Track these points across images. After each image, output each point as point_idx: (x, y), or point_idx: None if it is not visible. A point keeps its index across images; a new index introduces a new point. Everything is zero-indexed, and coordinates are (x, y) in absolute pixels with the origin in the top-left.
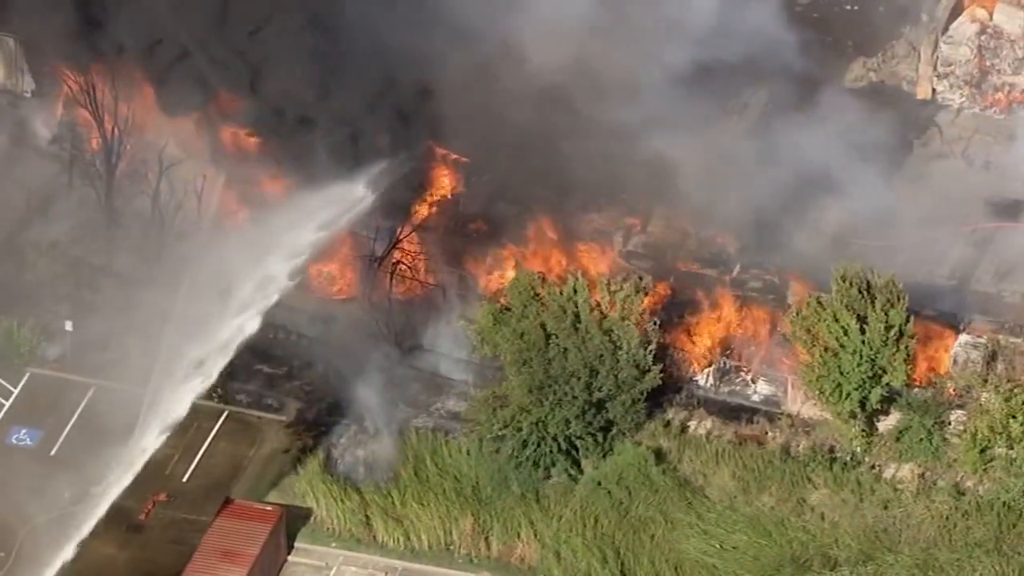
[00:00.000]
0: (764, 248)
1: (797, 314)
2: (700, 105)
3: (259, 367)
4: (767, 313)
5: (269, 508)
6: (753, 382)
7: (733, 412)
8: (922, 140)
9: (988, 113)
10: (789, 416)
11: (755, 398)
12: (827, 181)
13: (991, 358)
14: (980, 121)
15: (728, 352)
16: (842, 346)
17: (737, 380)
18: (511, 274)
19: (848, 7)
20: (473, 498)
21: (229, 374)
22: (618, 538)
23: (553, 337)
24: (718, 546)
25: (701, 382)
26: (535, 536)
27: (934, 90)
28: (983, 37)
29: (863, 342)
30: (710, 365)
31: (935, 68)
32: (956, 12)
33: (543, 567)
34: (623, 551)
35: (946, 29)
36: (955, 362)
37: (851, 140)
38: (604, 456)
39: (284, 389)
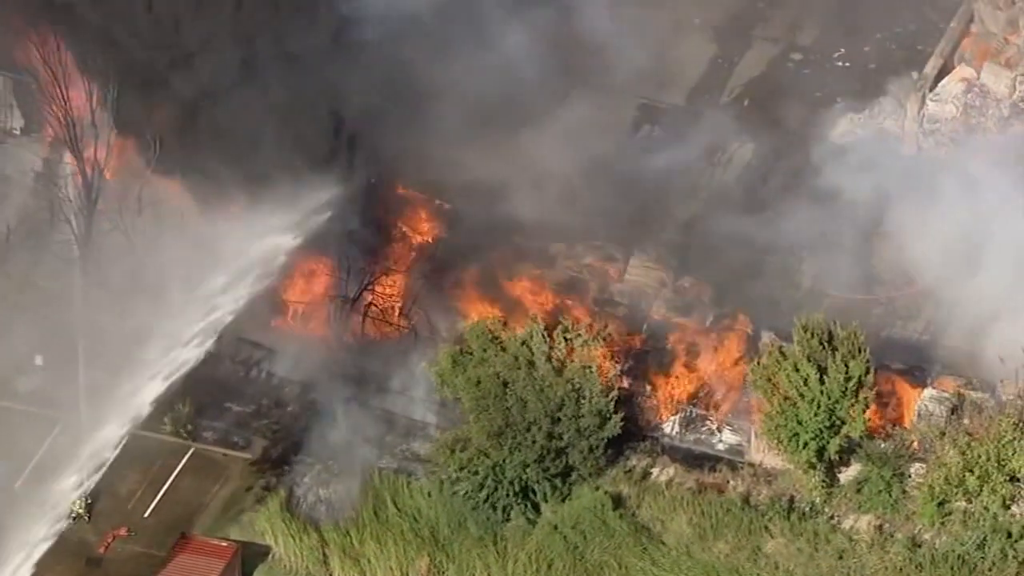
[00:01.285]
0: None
1: (758, 363)
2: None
3: (228, 405)
4: (736, 363)
5: (224, 544)
6: (718, 431)
7: (697, 460)
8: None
9: None
10: (752, 465)
11: (720, 447)
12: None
13: (953, 412)
14: None
15: (695, 401)
16: (801, 395)
17: (703, 428)
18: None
19: (840, 63)
20: (431, 539)
21: (197, 411)
22: None
23: (511, 384)
24: None
25: (667, 429)
26: None
27: (920, 147)
28: (969, 95)
29: (822, 392)
30: (677, 413)
31: (921, 125)
32: (944, 71)
33: None
34: None
35: (933, 87)
36: (919, 415)
37: (832, 194)
38: (563, 500)
39: (251, 427)
